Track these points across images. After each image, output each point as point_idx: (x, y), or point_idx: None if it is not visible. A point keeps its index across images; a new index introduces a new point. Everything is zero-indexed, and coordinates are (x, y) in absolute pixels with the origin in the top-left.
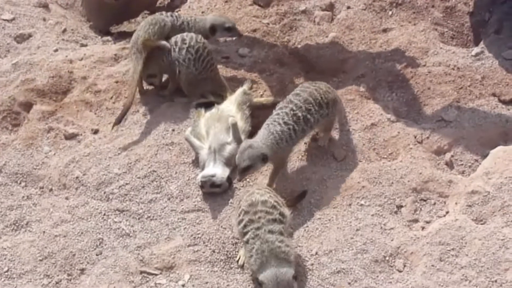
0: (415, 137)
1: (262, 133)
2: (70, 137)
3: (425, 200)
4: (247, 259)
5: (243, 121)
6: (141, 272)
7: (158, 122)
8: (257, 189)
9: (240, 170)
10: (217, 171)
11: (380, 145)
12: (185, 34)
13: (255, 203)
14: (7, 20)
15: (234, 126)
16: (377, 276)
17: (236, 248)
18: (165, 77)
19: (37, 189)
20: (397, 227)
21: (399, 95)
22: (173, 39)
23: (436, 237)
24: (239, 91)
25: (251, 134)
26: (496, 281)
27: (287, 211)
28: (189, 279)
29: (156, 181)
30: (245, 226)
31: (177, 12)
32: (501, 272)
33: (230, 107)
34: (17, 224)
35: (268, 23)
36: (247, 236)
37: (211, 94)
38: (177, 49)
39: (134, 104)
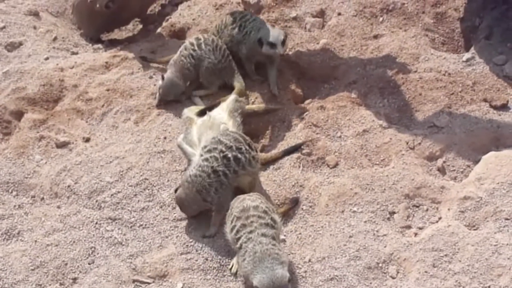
0: (407, 143)
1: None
2: (62, 145)
3: (417, 206)
4: (240, 264)
5: (235, 128)
6: (134, 281)
7: (149, 129)
8: (247, 195)
9: None
10: None
11: (372, 151)
12: (194, 36)
13: (247, 208)
14: None
15: None
16: (371, 283)
17: (229, 256)
18: None
19: (29, 198)
20: (390, 234)
21: (390, 101)
22: (187, 42)
23: (429, 243)
24: (231, 98)
25: None
26: (489, 286)
27: (277, 218)
28: (182, 287)
29: (148, 189)
30: (237, 231)
31: (169, 18)
32: (494, 277)
33: (222, 114)
34: (8, 234)
35: None
36: (240, 241)
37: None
38: (196, 47)
39: (126, 112)
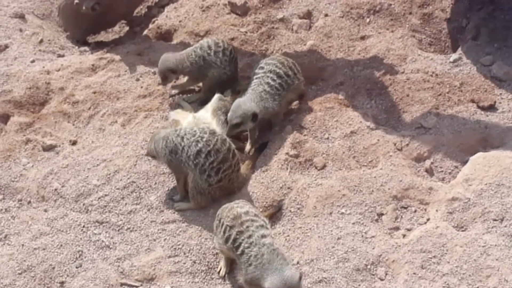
0: (395, 145)
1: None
2: (48, 148)
3: (405, 208)
4: (244, 271)
5: (219, 127)
6: (122, 284)
7: (136, 132)
8: (234, 203)
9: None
10: None
11: (360, 152)
12: (214, 38)
13: (238, 215)
14: None
15: None
16: (359, 285)
17: (217, 258)
18: None
19: (16, 202)
20: (378, 235)
21: (378, 102)
22: (205, 43)
23: (418, 244)
24: (215, 97)
25: None
26: None
27: (267, 221)
28: None
29: (136, 192)
30: (235, 240)
31: (155, 20)
32: (482, 279)
33: (206, 115)
34: None
35: (246, 32)
36: (240, 249)
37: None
38: (212, 53)
39: (112, 114)
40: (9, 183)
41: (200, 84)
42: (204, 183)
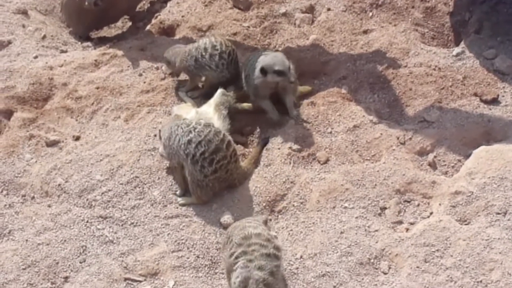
0: (398, 138)
1: None
2: (52, 144)
3: (409, 202)
4: (229, 282)
5: (221, 121)
6: (125, 279)
7: (139, 127)
8: (247, 222)
9: None
10: None
11: (363, 147)
12: (213, 39)
13: (249, 236)
14: None
15: None
16: (362, 279)
17: (220, 253)
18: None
19: (19, 197)
20: (381, 229)
21: (381, 96)
22: (202, 45)
23: (421, 238)
24: (218, 92)
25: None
26: (481, 281)
27: (281, 245)
28: (173, 285)
29: (139, 187)
30: (236, 257)
31: (158, 15)
32: (486, 272)
33: (209, 110)
34: None
35: (248, 26)
36: (236, 266)
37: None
38: (207, 56)
39: (115, 110)
40: (13, 178)
41: (203, 78)
42: (199, 174)
